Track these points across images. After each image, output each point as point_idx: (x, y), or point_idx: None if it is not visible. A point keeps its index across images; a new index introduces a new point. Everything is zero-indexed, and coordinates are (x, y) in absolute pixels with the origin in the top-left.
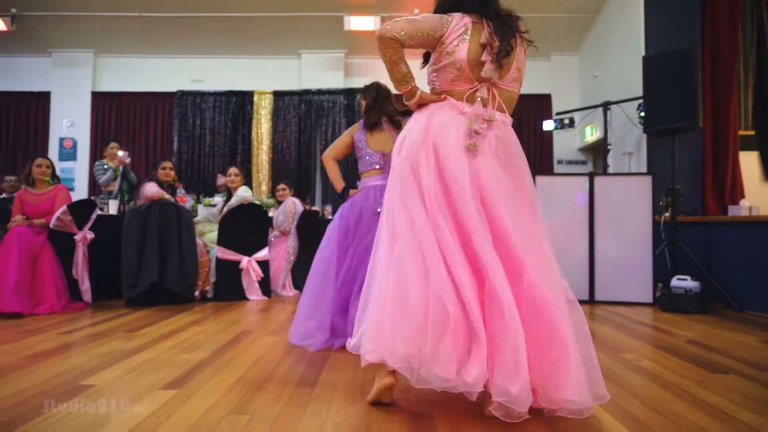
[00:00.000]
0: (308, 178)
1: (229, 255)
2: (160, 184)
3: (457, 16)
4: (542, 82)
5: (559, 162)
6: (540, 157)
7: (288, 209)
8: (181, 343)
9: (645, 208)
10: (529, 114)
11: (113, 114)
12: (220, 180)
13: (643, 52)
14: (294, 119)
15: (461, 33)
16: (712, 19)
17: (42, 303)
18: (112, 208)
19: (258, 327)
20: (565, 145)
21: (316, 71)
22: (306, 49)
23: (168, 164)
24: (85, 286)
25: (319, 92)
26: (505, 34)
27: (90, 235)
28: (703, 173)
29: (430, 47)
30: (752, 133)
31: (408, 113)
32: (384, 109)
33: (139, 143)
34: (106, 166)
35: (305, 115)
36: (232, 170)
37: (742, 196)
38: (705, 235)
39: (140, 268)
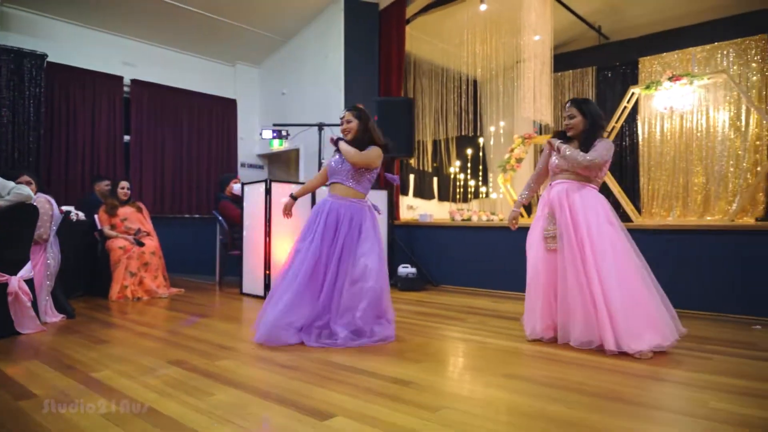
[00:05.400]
0: None
1: None
2: None
3: None
4: (228, 88)
5: (242, 165)
6: (227, 159)
7: (43, 210)
8: (161, 397)
9: (384, 214)
10: (218, 116)
11: None
12: None
13: (342, 87)
14: None
15: None
16: (386, 77)
17: None
18: None
19: (187, 356)
20: (247, 150)
21: None
22: None
23: None
24: None
25: None
26: None
27: None
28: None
29: None
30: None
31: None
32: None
33: None
34: None
35: None
36: None
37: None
38: (407, 234)
39: None
